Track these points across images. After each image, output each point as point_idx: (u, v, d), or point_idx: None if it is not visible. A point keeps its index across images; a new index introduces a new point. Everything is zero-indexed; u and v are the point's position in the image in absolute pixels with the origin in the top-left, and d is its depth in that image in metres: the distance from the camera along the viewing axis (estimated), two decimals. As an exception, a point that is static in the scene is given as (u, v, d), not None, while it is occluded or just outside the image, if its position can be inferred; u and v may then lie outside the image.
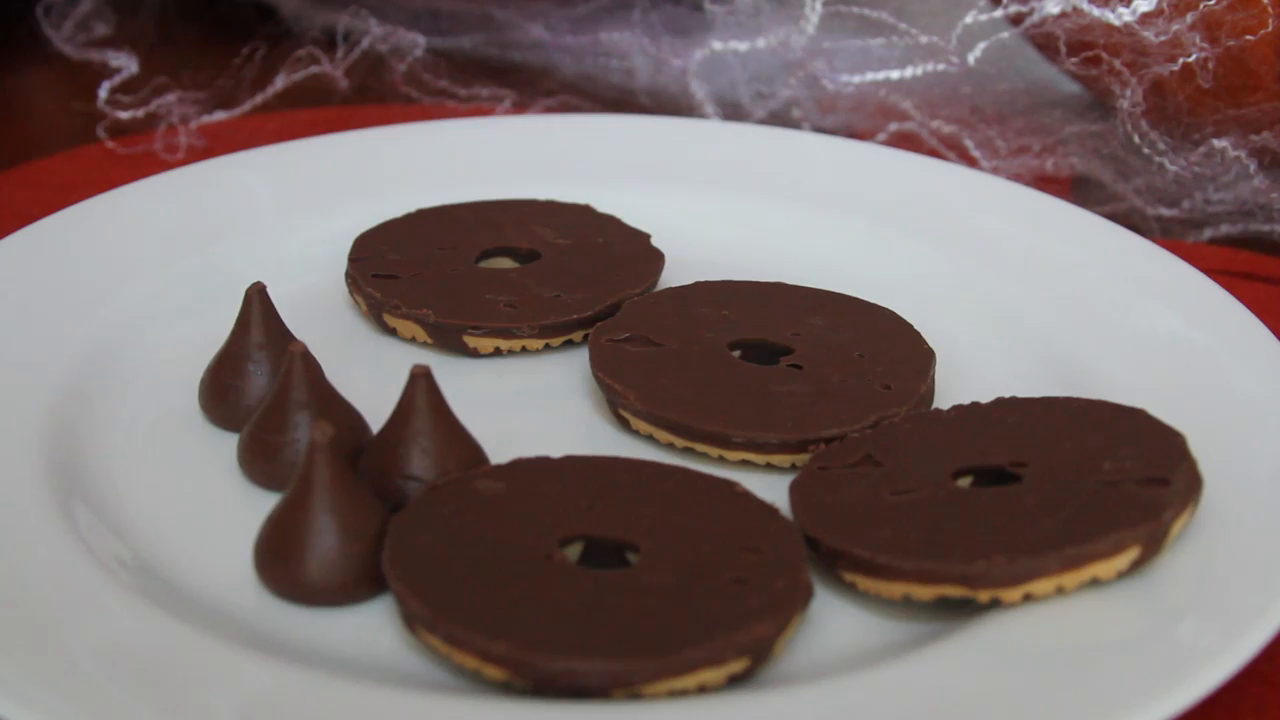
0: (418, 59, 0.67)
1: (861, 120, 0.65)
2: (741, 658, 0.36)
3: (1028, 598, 0.38)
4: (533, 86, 0.68)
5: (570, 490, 0.41)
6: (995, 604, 0.38)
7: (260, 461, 0.43)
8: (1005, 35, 0.62)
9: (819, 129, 0.64)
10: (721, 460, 0.44)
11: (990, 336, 0.49)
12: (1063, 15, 0.58)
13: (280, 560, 0.39)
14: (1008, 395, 0.44)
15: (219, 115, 0.65)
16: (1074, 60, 0.60)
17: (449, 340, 0.48)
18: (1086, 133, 0.62)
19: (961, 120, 0.63)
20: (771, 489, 0.42)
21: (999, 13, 0.61)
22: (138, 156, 0.62)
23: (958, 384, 0.47)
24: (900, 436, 0.43)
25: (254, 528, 0.40)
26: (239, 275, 0.51)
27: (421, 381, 0.41)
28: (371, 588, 0.39)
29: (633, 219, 0.54)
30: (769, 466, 0.44)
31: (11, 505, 0.41)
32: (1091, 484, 0.39)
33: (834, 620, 0.39)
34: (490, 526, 0.39)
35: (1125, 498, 0.39)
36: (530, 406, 0.47)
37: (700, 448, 0.44)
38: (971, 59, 0.62)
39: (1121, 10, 0.57)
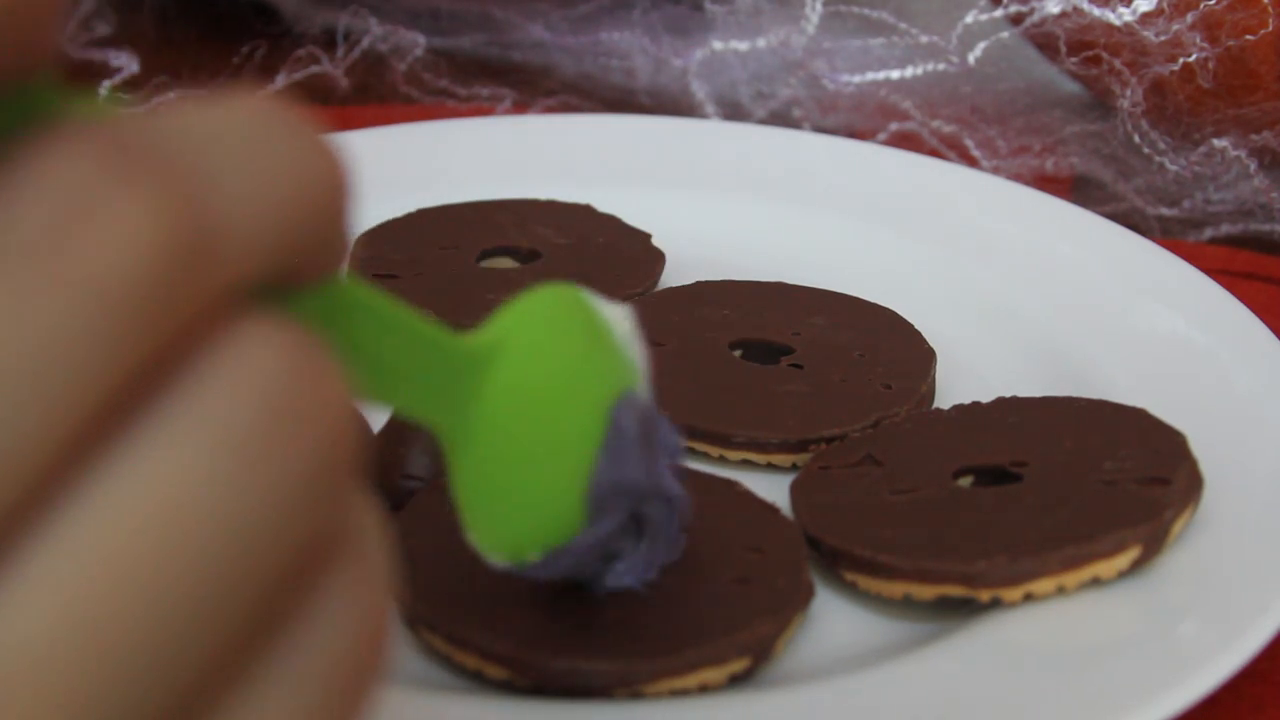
0: (418, 59, 0.67)
1: (861, 120, 0.65)
2: (743, 657, 0.36)
3: (1028, 597, 0.38)
4: (533, 86, 0.68)
5: (571, 490, 0.40)
6: (996, 603, 0.38)
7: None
8: (1005, 35, 0.62)
9: (819, 129, 0.64)
10: (722, 460, 0.44)
11: (990, 336, 0.49)
12: (1063, 15, 0.58)
13: (281, 560, 0.39)
14: (1008, 395, 0.44)
15: (219, 115, 0.65)
16: (1074, 60, 0.60)
17: (449, 340, 0.48)
18: (1086, 133, 0.62)
19: (961, 120, 0.63)
20: (772, 488, 0.42)
21: (999, 13, 0.61)
22: (138, 156, 0.62)
23: (958, 384, 0.47)
24: (901, 436, 0.43)
25: (255, 527, 0.40)
26: (239, 275, 0.50)
27: (422, 381, 0.41)
28: (372, 587, 0.39)
29: (633, 219, 0.54)
30: (770, 466, 0.44)
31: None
32: (1092, 483, 0.39)
33: (835, 620, 0.39)
34: (491, 526, 0.39)
35: (1126, 497, 0.39)
36: (531, 406, 0.47)
37: (701, 447, 0.44)
38: (972, 59, 0.62)
39: (1121, 10, 0.57)
